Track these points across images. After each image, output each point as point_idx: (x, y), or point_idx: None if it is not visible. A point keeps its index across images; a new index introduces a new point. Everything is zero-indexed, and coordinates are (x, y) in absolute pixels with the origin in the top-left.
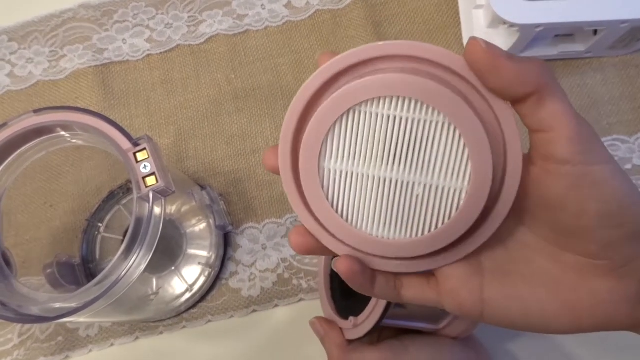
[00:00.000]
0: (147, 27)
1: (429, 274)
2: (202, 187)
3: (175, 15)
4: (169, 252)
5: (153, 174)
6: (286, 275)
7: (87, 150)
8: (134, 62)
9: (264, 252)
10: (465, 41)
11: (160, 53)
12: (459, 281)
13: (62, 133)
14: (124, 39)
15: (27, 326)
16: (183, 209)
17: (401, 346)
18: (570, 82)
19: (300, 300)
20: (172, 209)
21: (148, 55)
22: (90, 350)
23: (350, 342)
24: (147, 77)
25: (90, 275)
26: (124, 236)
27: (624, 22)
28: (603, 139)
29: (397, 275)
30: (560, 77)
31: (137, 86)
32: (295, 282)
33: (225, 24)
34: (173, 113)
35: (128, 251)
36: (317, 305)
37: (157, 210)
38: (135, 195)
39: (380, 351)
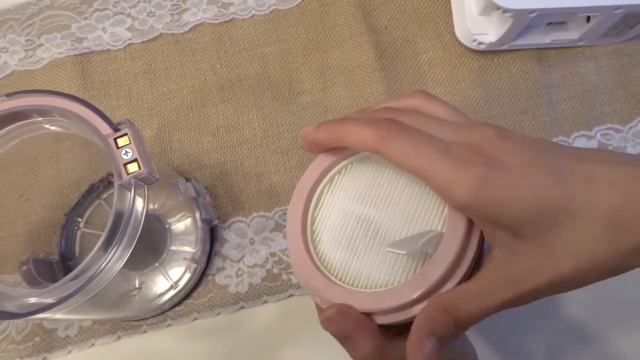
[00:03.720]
0: (129, 15)
1: None
2: (187, 179)
3: (158, 3)
4: (152, 247)
5: (135, 160)
6: (275, 270)
7: (66, 142)
8: (115, 51)
9: (252, 246)
10: (457, 30)
11: (142, 42)
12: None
13: (38, 119)
14: (104, 28)
15: (1, 327)
16: (167, 204)
17: None
18: (563, 70)
19: (290, 295)
20: (156, 203)
21: (129, 45)
22: (70, 352)
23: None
24: (129, 67)
25: (69, 272)
26: None
27: (617, 7)
28: (596, 128)
29: None
30: (553, 66)
31: (118, 76)
32: (284, 277)
33: (210, 12)
34: (156, 104)
35: (108, 242)
36: (308, 301)
37: (139, 199)
38: (116, 183)
39: None
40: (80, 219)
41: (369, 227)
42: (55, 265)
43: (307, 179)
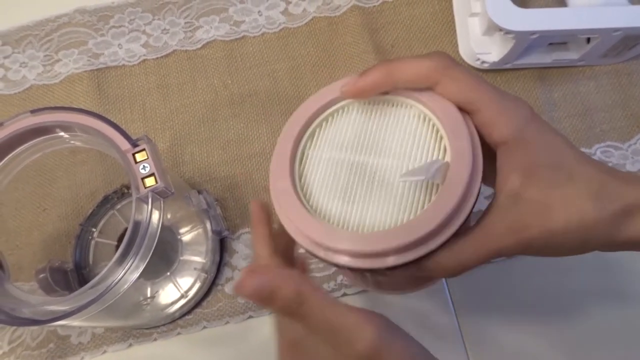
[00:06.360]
0: (144, 32)
1: None
2: (199, 192)
3: (172, 20)
4: (164, 257)
5: (152, 174)
6: None
7: (81, 154)
8: (130, 66)
9: None
10: (461, 49)
11: (157, 58)
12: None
13: (61, 134)
14: (119, 44)
15: (17, 333)
16: (179, 215)
17: None
18: (564, 89)
19: None
20: (168, 214)
21: (144, 60)
22: (82, 358)
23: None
24: (143, 81)
25: (83, 281)
26: (118, 242)
27: (616, 30)
28: (597, 146)
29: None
30: (554, 85)
31: (132, 91)
32: None
33: (222, 29)
34: (169, 118)
35: (125, 254)
36: None
37: (155, 212)
38: (134, 196)
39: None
40: (94, 229)
41: (364, 172)
42: (70, 273)
43: (287, 137)
